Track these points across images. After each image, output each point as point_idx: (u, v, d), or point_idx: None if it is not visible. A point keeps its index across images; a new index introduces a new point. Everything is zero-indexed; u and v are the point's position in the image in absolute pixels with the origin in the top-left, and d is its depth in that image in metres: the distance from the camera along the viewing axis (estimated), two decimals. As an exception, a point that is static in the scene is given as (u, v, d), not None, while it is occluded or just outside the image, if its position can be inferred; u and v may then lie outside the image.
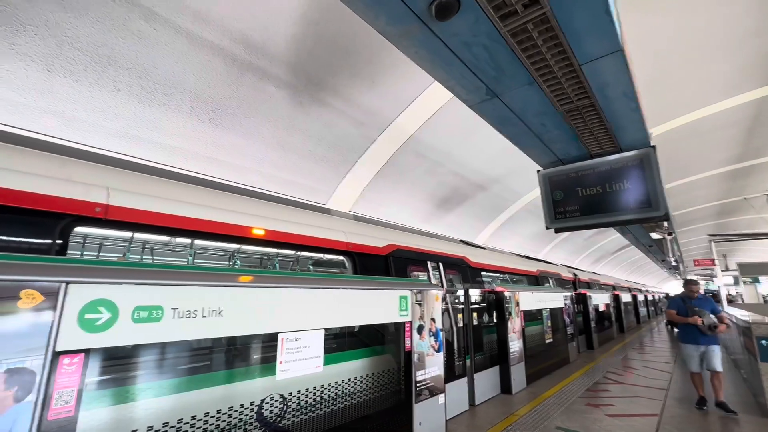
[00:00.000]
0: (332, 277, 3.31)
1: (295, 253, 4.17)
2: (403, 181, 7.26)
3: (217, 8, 3.58)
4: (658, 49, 5.56)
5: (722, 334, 5.18)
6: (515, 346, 6.43)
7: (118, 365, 2.11)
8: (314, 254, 4.10)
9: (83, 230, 2.56)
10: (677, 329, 5.71)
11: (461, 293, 5.69)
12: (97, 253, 3.38)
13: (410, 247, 4.90)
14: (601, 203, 4.09)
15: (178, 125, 4.40)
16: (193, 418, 2.23)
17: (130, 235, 3.18)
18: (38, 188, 2.08)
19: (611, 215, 4.03)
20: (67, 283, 1.69)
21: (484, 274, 6.56)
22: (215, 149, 4.89)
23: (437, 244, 5.69)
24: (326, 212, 4.47)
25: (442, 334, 4.24)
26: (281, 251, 4.26)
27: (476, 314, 5.96)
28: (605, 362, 8.88)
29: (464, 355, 5.47)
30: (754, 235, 15.88)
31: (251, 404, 2.53)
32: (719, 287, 15.22)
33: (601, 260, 23.34)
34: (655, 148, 3.88)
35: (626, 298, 17.03)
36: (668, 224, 9.58)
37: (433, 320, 4.15)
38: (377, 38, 4.19)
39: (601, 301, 12.67)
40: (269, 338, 2.68)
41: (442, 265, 5.40)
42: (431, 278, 5.12)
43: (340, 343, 3.52)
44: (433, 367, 4.02)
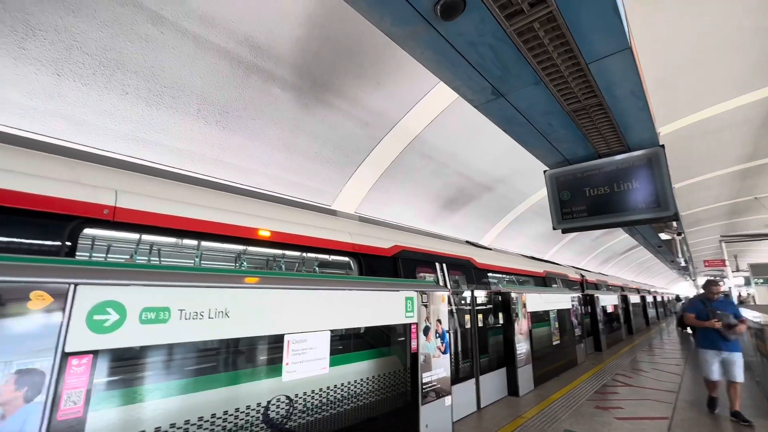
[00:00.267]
0: (338, 278, 3.30)
1: (300, 254, 4.18)
2: (408, 181, 7.24)
3: (223, 11, 3.60)
4: (667, 46, 5.49)
5: (740, 338, 4.97)
6: (522, 347, 6.37)
7: (122, 366, 2.12)
8: (320, 255, 4.11)
9: (91, 232, 2.59)
10: (689, 331, 5.57)
11: (467, 294, 5.66)
12: (105, 254, 3.42)
13: (416, 248, 4.89)
14: (609, 203, 4.05)
15: (185, 128, 4.44)
16: (200, 419, 2.23)
17: (137, 236, 3.21)
18: (48, 191, 2.10)
19: (619, 215, 3.99)
20: (75, 284, 1.71)
21: (490, 275, 6.52)
22: (221, 151, 4.92)
23: (443, 245, 5.66)
24: (332, 213, 4.47)
25: (448, 335, 4.21)
26: (287, 252, 4.27)
27: (483, 316, 5.93)
28: (614, 364, 8.78)
29: (471, 357, 5.44)
30: (765, 235, 15.62)
31: (258, 405, 2.53)
32: (730, 288, 14.99)
33: (609, 261, 23.09)
34: (663, 147, 3.84)
35: (635, 299, 16.83)
36: (677, 224, 9.46)
37: (439, 322, 4.13)
38: (382, 39, 4.19)
39: (609, 302, 12.53)
40: (274, 340, 2.68)
41: (448, 266, 5.38)
42: (440, 280, 5.09)
43: (345, 344, 3.51)
44: (439, 368, 3.99)
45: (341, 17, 3.96)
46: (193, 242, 3.30)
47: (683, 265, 18.94)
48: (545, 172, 4.48)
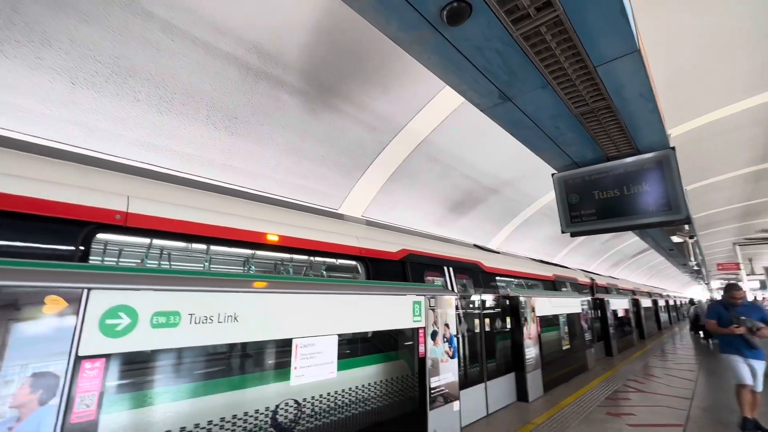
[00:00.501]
0: (346, 282, 3.31)
1: (308, 258, 4.20)
2: (415, 185, 7.25)
3: (232, 19, 3.66)
4: (676, 47, 5.43)
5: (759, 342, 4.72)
6: (531, 352, 6.31)
7: (131, 370, 2.14)
8: (327, 259, 4.12)
9: (104, 237, 2.64)
10: (706, 337, 5.39)
11: (475, 298, 5.63)
12: (116, 259, 3.47)
13: (423, 252, 4.88)
14: (618, 206, 4.00)
15: (194, 133, 4.50)
16: (209, 423, 2.25)
17: (148, 241, 3.25)
18: (62, 197, 2.15)
19: (630, 219, 3.94)
20: (89, 289, 1.74)
21: (498, 278, 6.47)
22: (230, 156, 4.98)
23: (450, 248, 5.64)
24: (339, 217, 4.49)
25: (456, 340, 4.19)
26: (295, 257, 4.30)
27: (491, 320, 5.88)
28: (625, 370, 8.63)
29: (479, 361, 5.40)
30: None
31: (266, 409, 2.54)
32: (744, 292, 14.65)
33: (619, 264, 22.77)
34: (674, 149, 3.79)
35: (646, 303, 16.55)
36: (689, 227, 9.30)
37: (447, 326, 4.11)
38: (388, 44, 4.22)
39: (619, 306, 12.34)
40: (282, 344, 2.70)
41: (455, 270, 5.36)
42: (447, 284, 5.08)
43: (353, 348, 3.51)
44: (447, 373, 3.97)
45: (348, 23, 4.00)
46: (202, 247, 3.34)
47: (696, 268, 18.60)
48: (553, 175, 4.45)
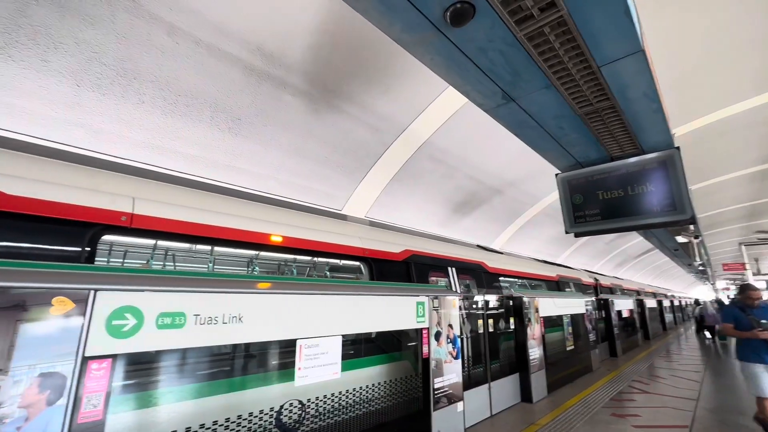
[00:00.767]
0: (349, 283, 3.32)
1: (312, 259, 4.21)
2: (418, 185, 7.24)
3: (236, 21, 3.68)
4: (681, 46, 5.40)
5: None
6: (535, 353, 6.29)
7: (136, 371, 2.16)
8: (331, 260, 4.13)
9: (110, 238, 2.66)
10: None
11: (479, 299, 5.62)
12: (122, 260, 3.50)
13: (427, 252, 4.88)
14: (623, 207, 3.98)
15: (198, 135, 4.53)
16: (214, 423, 2.26)
17: (153, 242, 3.27)
18: (69, 199, 2.17)
19: (634, 219, 3.92)
20: (96, 290, 1.76)
21: (501, 279, 6.46)
22: (234, 157, 5.00)
23: (454, 249, 5.64)
24: (342, 218, 4.49)
25: (459, 340, 4.19)
26: (298, 257, 4.31)
27: (494, 320, 5.87)
28: (630, 371, 8.59)
29: (483, 362, 5.39)
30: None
31: (270, 410, 2.55)
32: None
33: (623, 264, 22.65)
34: (679, 149, 3.77)
35: (651, 303, 16.45)
36: (694, 227, 9.23)
37: (450, 327, 4.11)
38: (391, 45, 4.22)
39: (624, 306, 12.28)
40: (286, 345, 2.70)
41: (459, 270, 5.35)
42: (451, 284, 5.07)
43: (356, 349, 3.52)
44: (451, 374, 3.97)
45: (351, 24, 4.01)
46: (206, 248, 3.36)
47: (701, 268, 18.46)
48: (557, 175, 4.44)
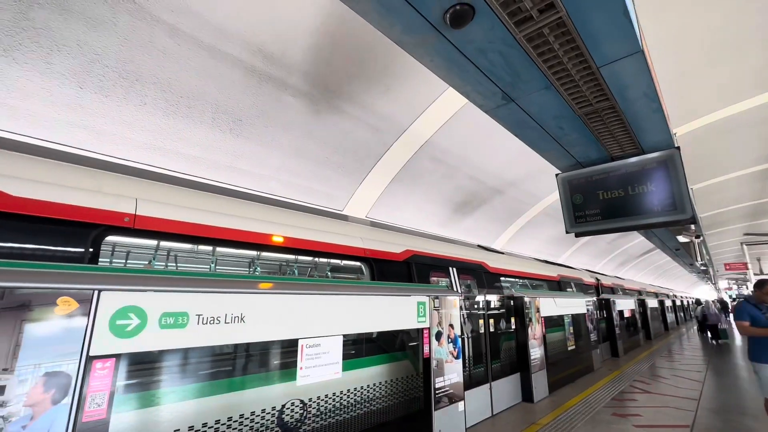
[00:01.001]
0: (350, 283, 3.34)
1: (313, 259, 4.23)
2: (419, 185, 7.26)
3: (237, 23, 3.70)
4: (684, 45, 5.40)
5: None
6: (536, 353, 6.29)
7: (139, 371, 2.18)
8: (332, 260, 4.15)
9: (113, 239, 2.68)
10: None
11: (480, 299, 5.63)
12: (124, 260, 3.52)
13: (428, 252, 4.89)
14: (623, 206, 3.99)
15: (200, 136, 4.55)
16: (217, 422, 2.28)
17: (155, 243, 3.30)
18: (73, 200, 2.19)
19: (634, 219, 3.93)
20: (99, 290, 1.78)
21: (502, 279, 6.47)
22: (235, 158, 5.02)
23: (454, 249, 5.65)
24: (343, 218, 4.51)
25: (460, 340, 4.20)
26: (300, 258, 4.33)
27: (495, 320, 5.88)
28: (631, 370, 8.58)
29: (484, 362, 5.40)
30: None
31: (273, 409, 2.57)
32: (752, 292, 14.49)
33: (625, 264, 22.61)
34: (679, 149, 3.77)
35: (653, 303, 16.43)
36: (695, 227, 9.22)
37: (451, 326, 4.12)
38: (392, 46, 4.24)
39: (625, 306, 12.27)
40: (288, 344, 2.72)
41: (459, 270, 5.36)
42: (452, 284, 5.08)
43: (358, 349, 3.53)
44: (452, 373, 3.98)
45: (351, 26, 4.03)
46: (208, 248, 3.38)
47: (703, 268, 18.42)
48: (557, 175, 4.45)
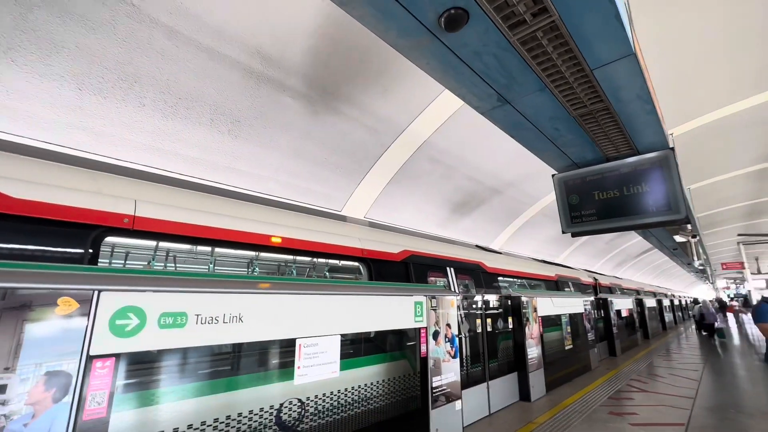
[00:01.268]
0: (348, 283, 3.36)
1: (311, 260, 4.26)
2: (417, 186, 7.29)
3: (235, 25, 3.73)
4: (681, 46, 5.45)
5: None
6: (533, 352, 6.33)
7: (138, 370, 2.20)
8: (330, 261, 4.18)
9: (112, 240, 2.70)
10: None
11: (477, 299, 5.66)
12: (123, 261, 3.54)
13: (425, 252, 4.92)
14: (618, 207, 4.03)
15: (198, 137, 4.58)
16: (215, 420, 2.31)
17: (154, 243, 3.32)
18: (72, 201, 2.22)
19: (629, 219, 3.96)
20: (99, 291, 1.80)
21: (500, 279, 6.51)
22: (234, 159, 5.05)
23: (452, 249, 5.68)
24: (342, 219, 4.54)
25: (458, 340, 4.23)
26: (298, 258, 4.35)
27: (493, 320, 5.91)
28: (629, 370, 8.63)
29: (481, 361, 5.43)
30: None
31: (270, 408, 2.60)
32: (749, 291, 14.57)
33: (623, 264, 22.69)
34: (673, 149, 3.81)
35: (651, 303, 16.49)
36: (692, 227, 9.27)
37: (448, 326, 4.16)
38: (389, 48, 4.27)
39: (623, 306, 12.32)
40: (286, 344, 2.75)
41: (457, 270, 5.40)
42: (449, 284, 5.11)
43: (356, 348, 3.56)
44: (449, 373, 4.01)
45: (349, 28, 4.06)
46: (207, 249, 3.40)
47: (700, 267, 18.50)
48: (553, 176, 4.48)
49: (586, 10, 2.09)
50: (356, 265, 4.16)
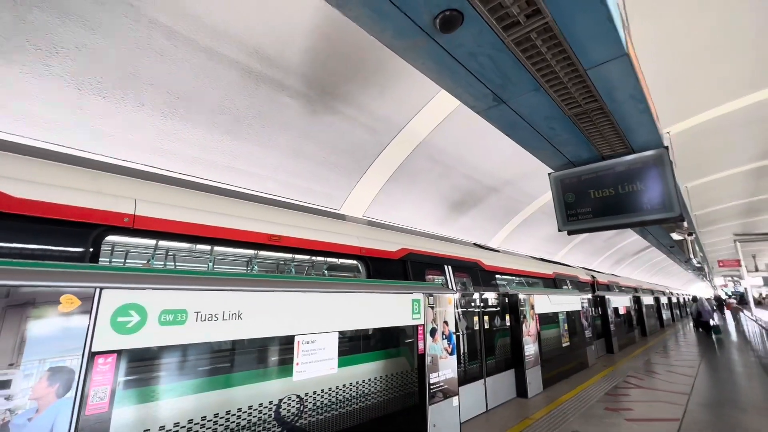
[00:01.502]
0: (346, 281, 3.40)
1: (310, 258, 4.30)
2: (415, 185, 7.33)
3: (234, 25, 3.75)
4: (677, 45, 5.48)
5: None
6: (530, 349, 6.39)
7: (139, 366, 2.24)
8: (329, 259, 4.21)
9: (113, 239, 2.74)
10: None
11: (475, 296, 5.71)
12: (124, 260, 3.58)
13: (423, 251, 4.96)
14: (614, 205, 4.07)
15: (198, 137, 4.60)
16: (215, 415, 2.35)
17: (154, 242, 3.36)
18: (73, 201, 2.25)
19: (624, 217, 4.01)
20: (101, 288, 1.84)
21: (498, 277, 6.55)
22: (233, 158, 5.08)
23: (450, 247, 5.73)
24: (340, 218, 4.58)
25: (455, 337, 4.28)
26: (297, 257, 4.39)
27: (490, 317, 5.96)
28: (626, 367, 8.69)
29: (478, 358, 5.48)
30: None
31: (270, 404, 2.64)
32: (746, 289, 14.66)
33: (621, 262, 22.77)
34: (668, 148, 3.85)
35: (648, 300, 16.57)
36: (688, 224, 9.33)
37: (446, 323, 4.20)
38: (386, 48, 4.29)
39: (621, 303, 12.39)
40: (285, 341, 2.79)
41: (455, 268, 5.44)
42: (447, 282, 5.16)
43: (354, 345, 3.60)
44: (446, 369, 4.06)
45: (347, 28, 4.08)
46: (206, 247, 3.44)
47: (697, 265, 18.58)
48: (550, 174, 4.52)
49: (578, 11, 2.13)
50: (354, 263, 4.20)
